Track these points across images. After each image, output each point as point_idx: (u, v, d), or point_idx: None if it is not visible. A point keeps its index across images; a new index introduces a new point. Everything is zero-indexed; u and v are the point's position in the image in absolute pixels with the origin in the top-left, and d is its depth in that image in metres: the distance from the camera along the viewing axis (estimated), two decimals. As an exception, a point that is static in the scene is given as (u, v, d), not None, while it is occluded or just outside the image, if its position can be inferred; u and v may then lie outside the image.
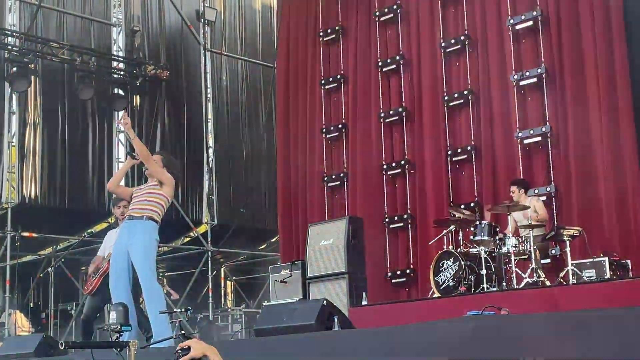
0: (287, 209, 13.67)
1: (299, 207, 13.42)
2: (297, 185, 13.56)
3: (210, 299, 15.64)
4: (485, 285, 8.82)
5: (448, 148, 11.66)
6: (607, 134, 10.08)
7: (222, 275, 18.65)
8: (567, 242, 8.81)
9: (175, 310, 7.68)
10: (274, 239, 17.48)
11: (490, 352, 4.23)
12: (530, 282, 8.72)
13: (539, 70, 10.73)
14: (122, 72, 15.26)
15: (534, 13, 10.89)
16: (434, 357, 4.47)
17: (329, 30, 13.50)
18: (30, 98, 14.34)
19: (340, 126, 13.07)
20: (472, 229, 9.42)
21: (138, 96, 15.66)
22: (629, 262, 8.85)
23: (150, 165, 7.37)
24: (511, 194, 9.84)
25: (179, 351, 3.23)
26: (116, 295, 7.18)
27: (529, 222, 9.13)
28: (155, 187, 7.39)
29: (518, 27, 11.08)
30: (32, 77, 13.83)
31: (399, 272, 11.87)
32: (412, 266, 11.79)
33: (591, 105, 10.30)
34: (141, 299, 7.98)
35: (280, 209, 13.90)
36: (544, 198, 10.30)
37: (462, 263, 9.04)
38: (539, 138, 10.68)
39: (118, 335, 5.26)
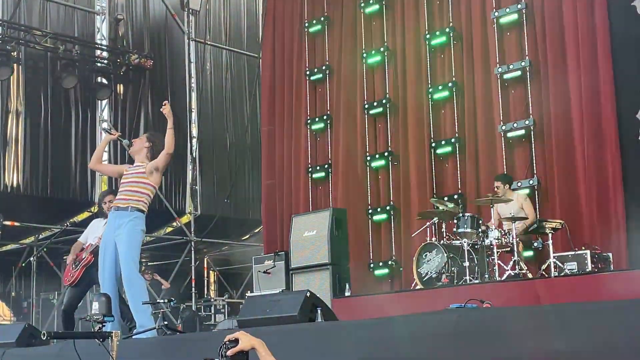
0: (271, 200, 13.66)
1: (283, 198, 13.41)
2: (282, 176, 13.55)
3: (193, 289, 15.62)
4: (467, 277, 8.86)
5: (432, 140, 11.69)
6: (590, 127, 10.12)
7: (205, 266, 18.64)
8: (550, 235, 8.87)
9: (158, 300, 7.68)
10: (258, 230, 17.48)
11: (473, 345, 4.25)
12: (513, 274, 8.77)
13: (523, 64, 10.76)
14: (105, 61, 15.20)
15: (519, 6, 10.91)
16: (417, 349, 4.49)
17: (314, 21, 13.47)
18: (13, 86, 14.25)
19: (325, 117, 13.07)
20: (455, 221, 9.45)
21: (121, 85, 15.59)
22: (610, 255, 8.92)
23: (165, 160, 7.31)
24: (496, 189, 9.85)
25: (227, 343, 3.22)
26: (104, 286, 7.16)
27: (511, 214, 9.17)
28: (142, 176, 7.31)
29: (502, 20, 11.10)
30: (15, 65, 13.73)
31: (381, 264, 11.90)
32: (395, 257, 11.82)
33: (574, 98, 10.34)
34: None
35: (264, 200, 13.88)
36: (526, 191, 10.35)
37: (445, 255, 9.08)
38: (522, 131, 10.71)
39: (101, 325, 5.25)
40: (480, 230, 9.17)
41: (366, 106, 12.47)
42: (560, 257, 8.71)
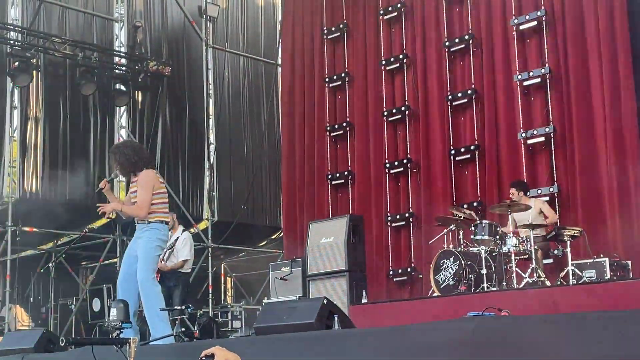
0: (291, 207, 13.68)
1: (304, 205, 13.42)
2: (302, 182, 13.57)
3: (210, 295, 15.62)
4: (485, 285, 8.81)
5: (451, 147, 11.65)
6: (611, 134, 10.07)
7: (222, 272, 18.63)
8: (568, 242, 8.81)
9: (175, 307, 7.68)
10: (275, 236, 17.46)
11: (490, 354, 4.22)
12: (531, 282, 8.71)
13: (543, 71, 10.73)
14: (124, 68, 15.23)
15: (539, 13, 10.88)
16: (434, 357, 4.46)
17: (333, 28, 13.48)
18: (32, 93, 14.30)
19: (344, 124, 13.07)
20: (472, 228, 9.40)
21: (140, 92, 15.63)
22: (629, 263, 8.85)
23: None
24: (510, 195, 9.81)
25: (203, 358, 3.22)
26: (122, 294, 7.17)
27: (529, 221, 9.11)
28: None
29: (522, 27, 11.08)
30: (34, 71, 13.80)
31: (400, 271, 11.87)
32: (413, 265, 11.79)
33: (595, 105, 10.29)
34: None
35: (285, 207, 13.91)
36: (546, 198, 10.29)
37: (463, 262, 9.04)
38: (543, 138, 10.67)
39: (118, 332, 5.25)
40: (497, 237, 9.12)
41: (385, 113, 12.46)
42: (578, 265, 8.65)
